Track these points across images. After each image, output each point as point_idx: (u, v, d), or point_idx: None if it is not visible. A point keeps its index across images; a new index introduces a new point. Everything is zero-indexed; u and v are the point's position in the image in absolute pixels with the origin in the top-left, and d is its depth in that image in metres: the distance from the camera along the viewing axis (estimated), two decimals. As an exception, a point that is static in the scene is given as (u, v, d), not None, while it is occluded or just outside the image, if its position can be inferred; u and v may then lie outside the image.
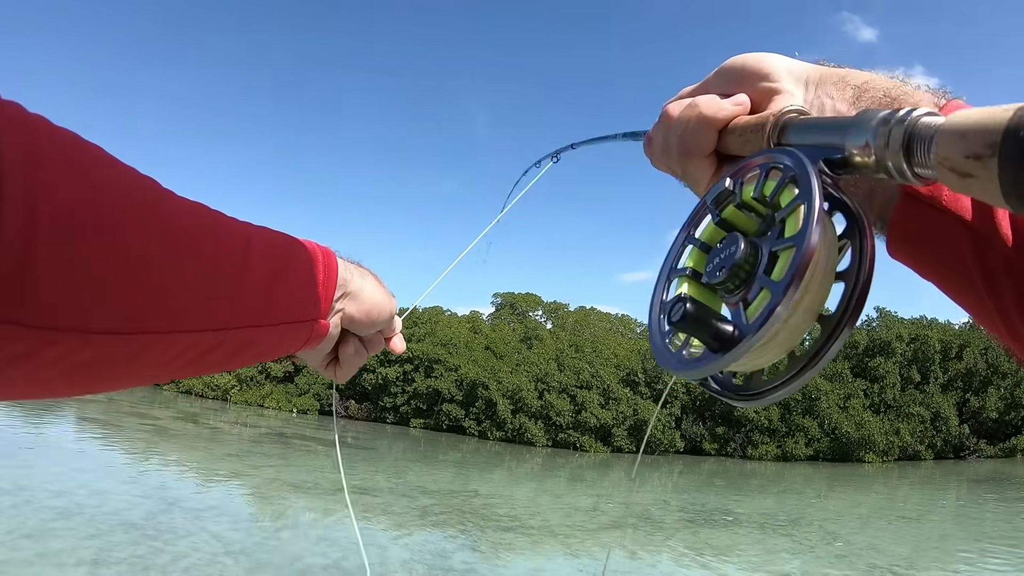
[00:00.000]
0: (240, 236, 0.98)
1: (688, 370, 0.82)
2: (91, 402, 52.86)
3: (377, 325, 1.33)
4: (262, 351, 1.05)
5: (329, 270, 1.14)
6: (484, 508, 26.86)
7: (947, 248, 0.88)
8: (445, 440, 62.36)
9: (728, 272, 0.81)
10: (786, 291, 0.72)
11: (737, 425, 66.94)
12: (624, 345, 73.79)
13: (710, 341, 0.78)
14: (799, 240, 0.73)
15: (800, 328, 0.78)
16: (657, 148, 1.13)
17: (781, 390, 0.81)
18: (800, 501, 38.30)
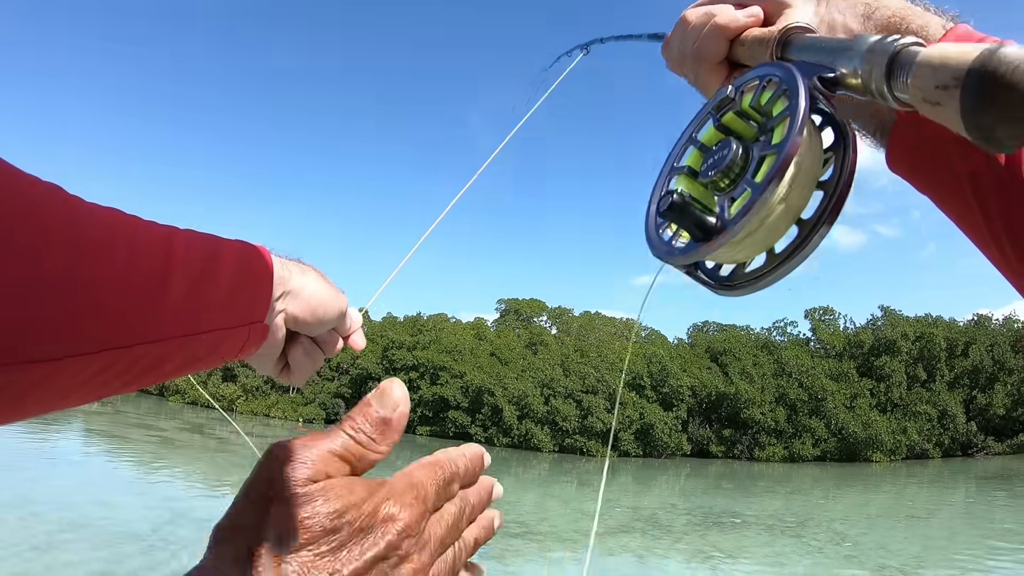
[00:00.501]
0: (159, 243, 0.92)
1: (673, 257, 0.90)
2: (97, 414, 52.95)
3: (325, 323, 1.26)
4: (191, 361, 0.99)
5: (263, 269, 1.08)
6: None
7: (941, 161, 0.93)
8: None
9: (720, 172, 0.86)
10: (765, 189, 0.78)
11: (744, 427, 66.90)
12: (629, 349, 73.59)
13: (693, 230, 0.85)
14: (781, 146, 0.79)
15: (778, 227, 0.84)
16: (674, 51, 1.18)
17: (760, 282, 0.87)
18: (808, 502, 38.25)
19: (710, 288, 0.95)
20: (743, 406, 66.54)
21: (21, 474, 25.03)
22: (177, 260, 0.92)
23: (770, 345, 74.97)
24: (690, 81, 1.18)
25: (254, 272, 1.06)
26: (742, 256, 0.89)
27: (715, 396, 68.43)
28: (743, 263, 0.91)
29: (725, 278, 0.93)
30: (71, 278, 0.79)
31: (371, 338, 79.98)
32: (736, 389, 66.99)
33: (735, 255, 0.89)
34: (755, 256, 0.89)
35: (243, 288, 1.03)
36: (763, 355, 72.30)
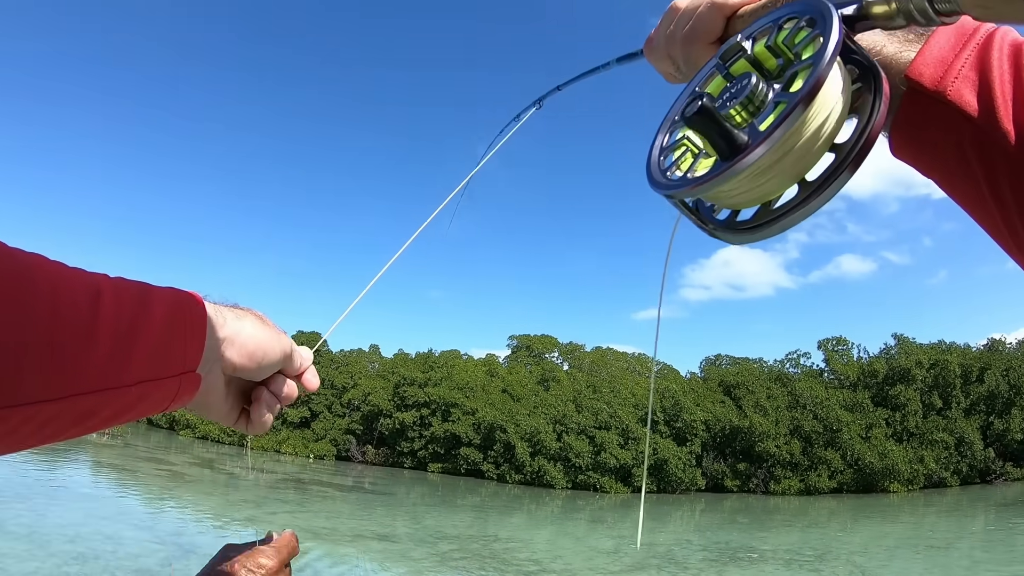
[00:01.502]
0: (85, 293, 0.87)
1: (693, 185, 0.82)
2: (107, 447, 53.08)
3: (266, 367, 1.18)
4: (119, 413, 0.94)
5: (195, 316, 1.04)
6: (505, 552, 26.59)
7: (950, 142, 0.90)
8: (463, 484, 61.99)
9: (740, 102, 0.81)
10: (802, 100, 0.73)
11: (759, 460, 66.47)
12: (642, 384, 73.34)
13: (719, 143, 0.78)
14: (817, 58, 0.75)
15: (812, 153, 0.79)
16: (660, 38, 1.17)
17: (795, 212, 0.81)
18: (825, 535, 37.82)
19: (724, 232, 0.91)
20: (757, 439, 66.09)
21: (29, 504, 24.94)
22: (105, 311, 0.88)
23: (783, 377, 74.59)
24: (678, 68, 1.16)
25: (185, 321, 1.02)
26: (771, 187, 0.83)
27: (729, 430, 68.02)
28: (768, 199, 0.85)
29: (748, 220, 0.87)
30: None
31: (382, 375, 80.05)
32: (750, 422, 66.59)
33: (764, 187, 0.83)
34: (784, 188, 0.83)
35: (174, 338, 0.99)
36: (777, 387, 71.91)
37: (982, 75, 0.87)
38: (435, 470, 70.30)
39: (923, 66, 0.90)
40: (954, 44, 0.91)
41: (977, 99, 0.86)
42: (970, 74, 0.88)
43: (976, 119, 0.86)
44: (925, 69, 0.90)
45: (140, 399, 0.96)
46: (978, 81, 0.87)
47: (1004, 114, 0.84)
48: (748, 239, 0.88)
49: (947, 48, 0.91)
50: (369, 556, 23.69)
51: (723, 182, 0.79)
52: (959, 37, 0.91)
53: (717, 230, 0.91)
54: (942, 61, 0.90)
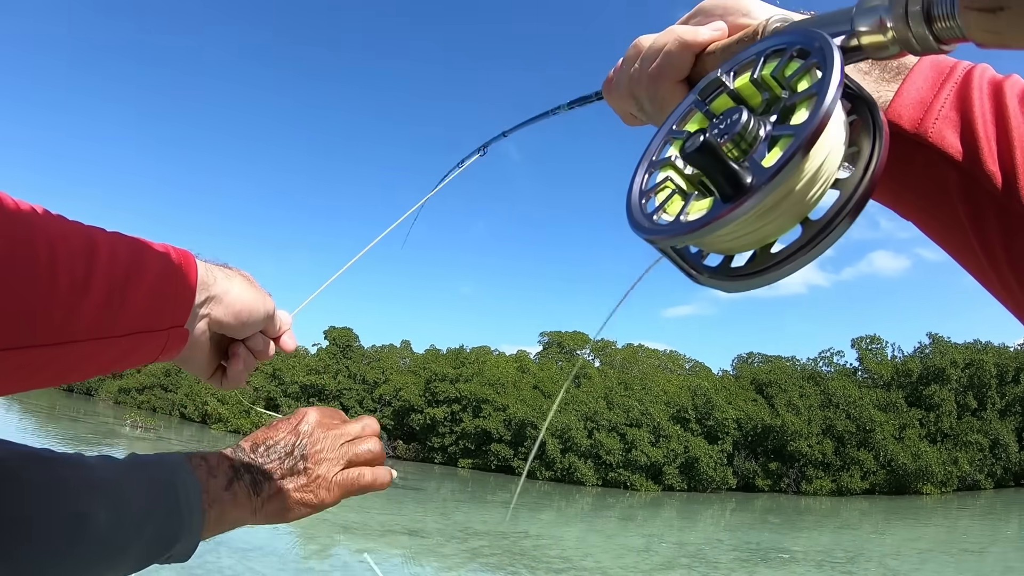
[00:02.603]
0: (82, 246, 0.92)
1: (688, 230, 0.75)
2: (139, 440, 53.50)
3: (250, 326, 1.25)
4: (111, 360, 1.00)
5: (186, 273, 1.09)
6: (535, 549, 26.62)
7: (933, 186, 0.88)
8: (494, 480, 62.05)
9: (731, 139, 0.74)
10: (812, 133, 0.68)
11: (790, 460, 66.07)
12: (673, 382, 73.10)
13: (723, 183, 0.72)
14: (823, 88, 0.70)
15: (816, 191, 0.74)
16: (623, 78, 1.12)
17: (801, 256, 0.74)
18: (858, 537, 37.57)
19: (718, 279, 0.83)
20: (789, 438, 65.72)
21: None
22: (99, 264, 0.92)
23: (816, 376, 74.01)
24: (641, 108, 1.11)
25: (176, 277, 1.07)
26: (772, 229, 0.76)
27: (761, 428, 67.68)
28: (767, 244, 0.78)
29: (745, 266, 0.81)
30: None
31: (414, 370, 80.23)
32: (782, 421, 66.22)
33: (765, 228, 0.76)
34: (786, 229, 0.76)
35: (165, 292, 1.04)
36: (809, 386, 71.39)
37: (963, 115, 0.85)
38: (465, 466, 70.42)
39: (902, 107, 0.87)
40: (932, 83, 0.88)
41: (960, 140, 0.84)
42: (951, 114, 0.85)
43: (959, 161, 0.84)
44: (904, 111, 0.87)
45: (131, 349, 1.01)
46: (960, 121, 0.85)
47: (988, 155, 0.82)
48: (745, 287, 0.81)
49: (925, 88, 0.88)
50: (399, 551, 23.78)
51: (726, 224, 0.72)
52: (937, 75, 0.89)
53: (710, 278, 0.83)
54: (921, 102, 0.87)
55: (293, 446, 1.37)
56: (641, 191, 0.90)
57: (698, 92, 0.91)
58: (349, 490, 1.45)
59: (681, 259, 0.86)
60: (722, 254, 0.84)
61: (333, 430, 1.42)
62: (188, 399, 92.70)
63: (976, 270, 0.90)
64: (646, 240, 0.83)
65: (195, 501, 1.22)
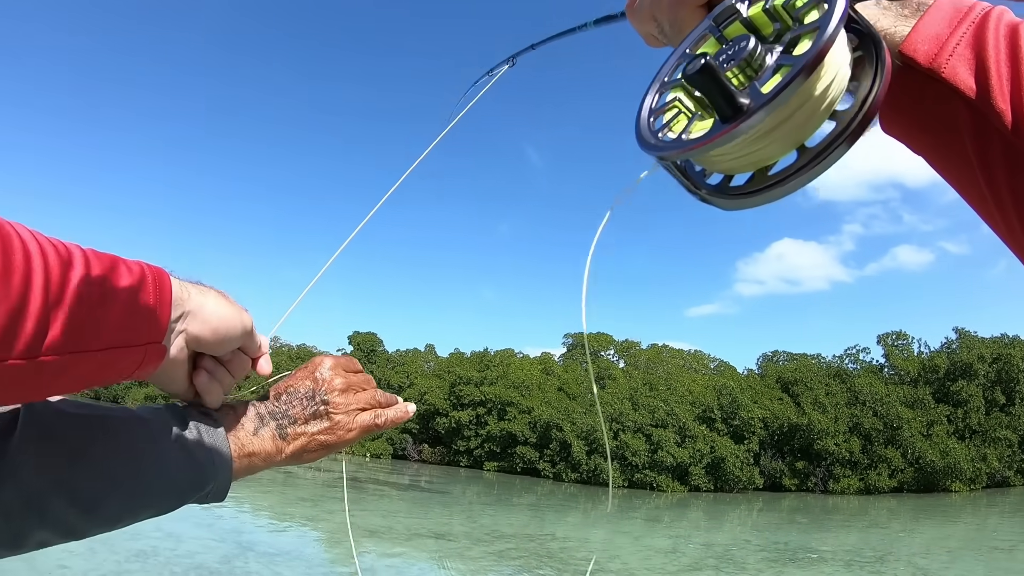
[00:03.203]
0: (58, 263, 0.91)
1: (689, 148, 0.79)
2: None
3: (228, 342, 1.25)
4: (85, 376, 0.99)
5: (162, 290, 1.09)
6: (562, 551, 26.62)
7: (943, 121, 0.90)
8: (519, 483, 62.07)
9: (737, 64, 0.79)
10: (809, 63, 0.71)
11: (817, 459, 65.73)
12: (699, 381, 72.90)
13: (722, 104, 0.75)
14: (824, 22, 0.73)
15: (813, 120, 0.77)
16: (645, 2, 1.13)
17: (794, 179, 0.78)
18: (886, 536, 37.36)
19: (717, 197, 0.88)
20: (816, 437, 65.40)
21: None
22: (75, 281, 0.92)
23: (842, 373, 73.63)
24: (662, 31, 1.13)
25: (152, 293, 1.06)
26: (770, 152, 0.80)
27: (787, 427, 67.40)
28: (765, 166, 0.82)
29: (743, 185, 0.85)
30: None
31: (438, 373, 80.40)
32: (809, 420, 65.91)
33: (763, 151, 0.80)
34: (782, 153, 0.80)
35: (140, 308, 1.04)
36: (835, 384, 71.03)
37: (978, 53, 0.86)
38: (491, 469, 70.54)
39: (917, 42, 0.89)
40: (950, 21, 0.90)
41: (972, 77, 0.86)
42: (965, 52, 0.87)
43: (970, 98, 0.85)
44: (920, 45, 0.89)
45: (107, 365, 1.00)
46: (974, 59, 0.86)
47: (999, 93, 0.83)
48: (742, 204, 0.85)
49: (943, 24, 0.90)
50: (426, 554, 23.85)
51: (722, 144, 0.76)
52: (955, 14, 0.90)
53: (709, 195, 0.88)
54: (937, 38, 0.89)
55: (314, 392, 1.41)
56: (651, 109, 0.93)
57: (713, 18, 0.93)
58: (368, 430, 1.50)
59: (684, 176, 0.91)
60: (722, 173, 0.88)
61: (350, 375, 1.47)
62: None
63: (981, 208, 0.93)
64: (649, 154, 0.87)
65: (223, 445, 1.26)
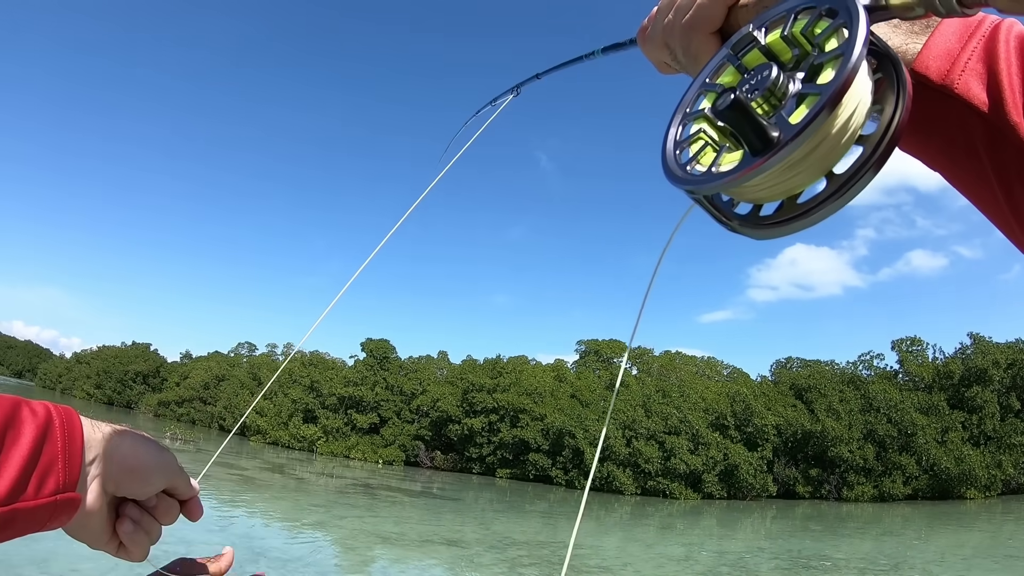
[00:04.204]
0: None
1: (719, 181, 0.79)
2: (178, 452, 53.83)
3: (150, 485, 1.15)
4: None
5: (72, 433, 1.01)
6: (574, 559, 26.51)
7: (958, 136, 0.89)
8: (532, 490, 62.03)
9: (762, 94, 0.79)
10: (836, 92, 0.71)
11: (831, 466, 65.52)
12: (712, 388, 72.75)
13: (752, 137, 0.75)
14: (848, 49, 0.73)
15: (841, 146, 0.76)
16: (657, 27, 1.13)
17: (825, 206, 0.78)
18: (900, 543, 37.22)
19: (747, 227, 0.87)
20: (830, 444, 65.23)
21: None
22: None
23: (856, 380, 73.36)
24: (675, 58, 1.13)
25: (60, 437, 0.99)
26: (799, 181, 0.80)
27: (801, 434, 67.19)
28: (793, 195, 0.82)
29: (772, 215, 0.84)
30: None
31: (451, 381, 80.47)
32: (822, 426, 65.74)
33: (791, 181, 0.80)
34: (811, 181, 0.80)
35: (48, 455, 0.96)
36: (849, 390, 70.82)
37: (990, 67, 0.86)
38: (503, 476, 70.54)
39: (929, 59, 0.89)
40: (960, 36, 0.90)
41: (985, 92, 0.86)
42: (977, 66, 0.87)
43: (984, 112, 0.85)
44: (931, 62, 0.89)
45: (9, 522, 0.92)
46: (986, 74, 0.86)
47: (1013, 107, 0.83)
48: (773, 234, 0.85)
49: (953, 40, 0.90)
50: (438, 561, 23.85)
51: (754, 176, 0.76)
52: (964, 29, 0.90)
53: (740, 226, 0.87)
54: (948, 53, 0.89)
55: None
56: (676, 142, 0.92)
57: (731, 46, 0.93)
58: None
59: (713, 207, 0.90)
60: (751, 203, 0.87)
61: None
62: (227, 411, 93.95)
63: (1000, 221, 0.92)
64: (681, 188, 0.86)
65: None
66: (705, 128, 0.92)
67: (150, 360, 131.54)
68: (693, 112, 0.95)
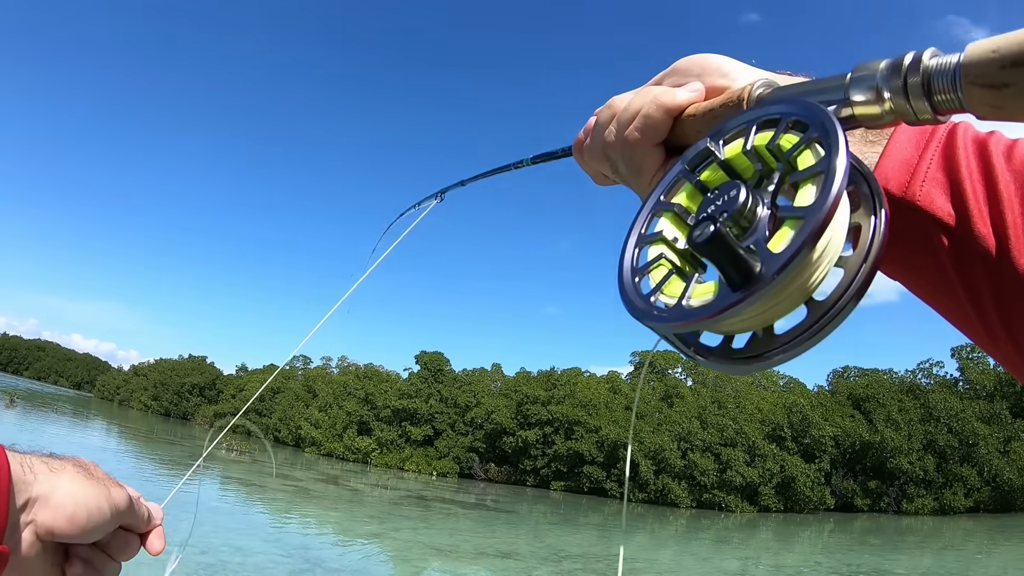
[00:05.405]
0: None
1: (694, 319, 0.71)
2: (235, 463, 54.74)
3: (92, 528, 0.99)
4: None
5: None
6: (630, 573, 26.41)
7: (921, 248, 0.86)
8: (586, 502, 61.87)
9: (731, 217, 0.71)
10: (821, 221, 0.65)
11: (890, 478, 64.55)
12: (768, 399, 72.09)
13: (733, 272, 0.67)
14: (829, 167, 0.67)
15: (821, 272, 0.70)
16: (597, 139, 1.08)
17: (805, 341, 0.71)
18: (962, 558, 36.57)
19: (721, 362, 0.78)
20: (889, 455, 64.25)
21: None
22: None
23: (916, 389, 72.23)
24: (616, 170, 1.07)
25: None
26: (778, 311, 0.72)
27: (859, 445, 66.26)
28: (770, 326, 0.74)
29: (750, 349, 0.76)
30: None
31: (505, 393, 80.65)
32: (881, 437, 64.80)
33: (771, 311, 0.72)
34: (790, 311, 0.72)
35: None
36: (908, 400, 69.70)
37: (951, 176, 0.83)
38: (558, 488, 70.47)
39: (888, 170, 0.85)
40: (916, 144, 0.86)
41: (950, 203, 0.83)
42: (938, 175, 0.84)
43: (950, 224, 0.82)
44: (891, 173, 0.85)
45: None
46: (948, 183, 0.83)
47: (978, 217, 0.80)
48: (750, 370, 0.76)
49: (910, 148, 0.86)
50: (492, 573, 23.87)
51: (735, 315, 0.68)
52: (920, 135, 0.87)
53: (714, 360, 0.78)
54: (907, 163, 0.85)
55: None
56: (633, 269, 0.84)
57: (687, 162, 0.87)
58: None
59: (680, 340, 0.81)
60: (722, 335, 0.79)
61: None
62: (282, 423, 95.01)
63: (969, 331, 0.88)
64: (647, 326, 0.78)
65: None
66: (665, 252, 0.84)
67: (206, 372, 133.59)
68: (648, 235, 0.86)
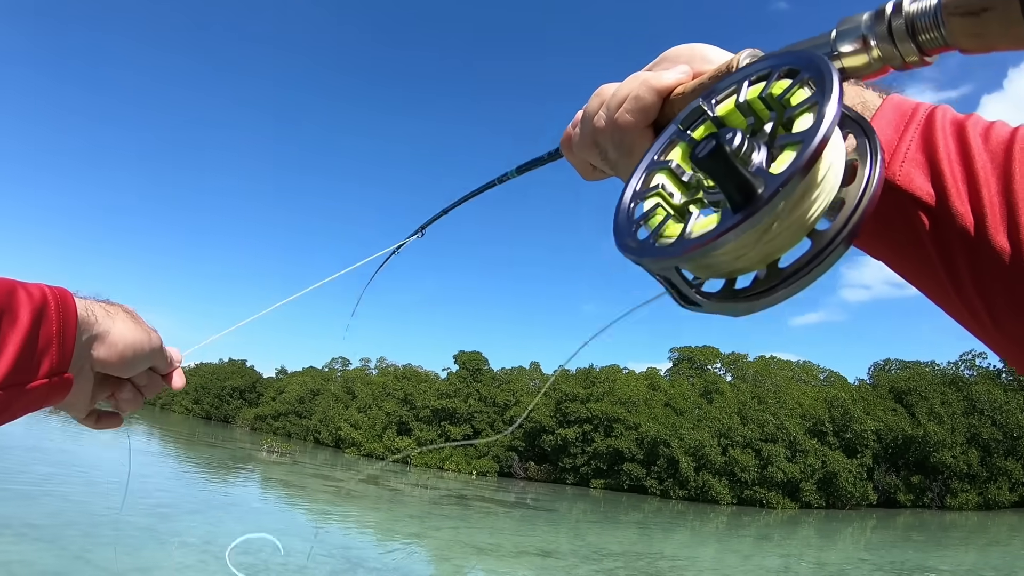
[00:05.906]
0: None
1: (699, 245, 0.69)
2: (275, 464, 55.20)
3: (136, 365, 1.19)
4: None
5: (66, 315, 1.02)
6: (671, 570, 26.36)
7: (901, 227, 0.87)
8: (626, 500, 61.71)
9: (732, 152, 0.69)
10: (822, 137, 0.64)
11: (934, 472, 63.84)
12: (808, 393, 71.48)
13: (732, 191, 0.66)
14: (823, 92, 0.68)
15: (820, 203, 0.70)
16: (586, 127, 1.08)
17: (812, 269, 0.70)
18: (1008, 553, 36.20)
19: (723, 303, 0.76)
20: (932, 449, 63.60)
21: (204, 517, 25.92)
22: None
23: (958, 381, 71.30)
24: (606, 157, 1.08)
25: (56, 320, 1.00)
26: (779, 244, 0.71)
27: (902, 440, 65.66)
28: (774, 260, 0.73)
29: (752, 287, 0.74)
30: None
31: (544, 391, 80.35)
32: (924, 431, 64.14)
33: (772, 244, 0.71)
34: (793, 244, 0.71)
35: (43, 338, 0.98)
36: (951, 392, 68.92)
37: (930, 157, 0.85)
38: (597, 486, 70.46)
39: None
40: (896, 125, 0.88)
41: (929, 182, 0.85)
42: (917, 156, 0.86)
43: (929, 204, 0.84)
44: None
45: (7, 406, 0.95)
46: (927, 163, 0.85)
47: (956, 196, 0.82)
48: (756, 307, 0.74)
49: (890, 131, 0.88)
50: (533, 572, 23.87)
51: (741, 233, 0.66)
52: (900, 118, 0.89)
53: (716, 303, 0.76)
54: (887, 144, 0.87)
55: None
56: (629, 219, 0.84)
57: (679, 122, 0.87)
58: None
59: (677, 290, 0.79)
60: (724, 277, 0.78)
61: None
62: (322, 424, 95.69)
63: (949, 307, 0.90)
64: (650, 264, 0.77)
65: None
66: (662, 203, 0.83)
67: (246, 376, 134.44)
68: (643, 190, 0.86)
